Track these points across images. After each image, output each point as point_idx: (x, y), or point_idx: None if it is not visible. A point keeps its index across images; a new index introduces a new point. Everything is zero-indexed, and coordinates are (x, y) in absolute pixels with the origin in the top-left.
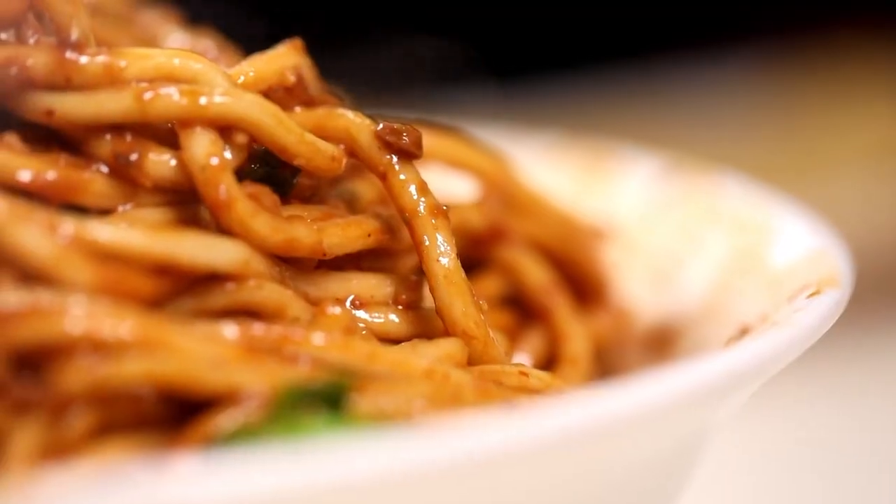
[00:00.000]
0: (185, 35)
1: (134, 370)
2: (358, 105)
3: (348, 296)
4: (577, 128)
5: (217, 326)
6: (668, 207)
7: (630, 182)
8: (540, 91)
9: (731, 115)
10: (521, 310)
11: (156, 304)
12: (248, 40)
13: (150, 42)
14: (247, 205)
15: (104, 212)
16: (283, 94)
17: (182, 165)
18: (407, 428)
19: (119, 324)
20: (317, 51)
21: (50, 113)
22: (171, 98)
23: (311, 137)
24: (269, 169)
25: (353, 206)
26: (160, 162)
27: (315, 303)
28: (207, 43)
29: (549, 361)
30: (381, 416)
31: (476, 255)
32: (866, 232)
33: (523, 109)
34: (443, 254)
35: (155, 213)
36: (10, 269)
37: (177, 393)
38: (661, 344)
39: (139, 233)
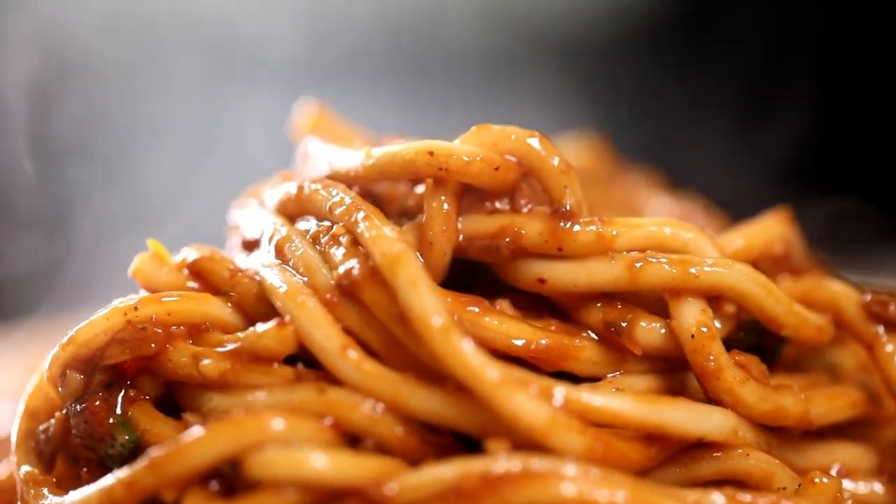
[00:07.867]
0: (670, 199)
1: None
2: (841, 272)
3: (833, 465)
4: None
5: (706, 494)
6: None
7: None
8: None
9: None
10: None
11: (643, 471)
12: (730, 200)
13: (634, 204)
14: (736, 373)
15: (591, 378)
16: (770, 263)
17: (671, 333)
18: None
19: (613, 492)
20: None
21: (542, 281)
22: (662, 267)
23: (799, 308)
24: (756, 338)
25: (834, 374)
26: (650, 329)
27: (801, 472)
28: (693, 206)
29: None
30: None
31: None
32: None
33: None
34: None
35: (643, 381)
36: (504, 434)
37: None
38: None
39: (630, 401)
